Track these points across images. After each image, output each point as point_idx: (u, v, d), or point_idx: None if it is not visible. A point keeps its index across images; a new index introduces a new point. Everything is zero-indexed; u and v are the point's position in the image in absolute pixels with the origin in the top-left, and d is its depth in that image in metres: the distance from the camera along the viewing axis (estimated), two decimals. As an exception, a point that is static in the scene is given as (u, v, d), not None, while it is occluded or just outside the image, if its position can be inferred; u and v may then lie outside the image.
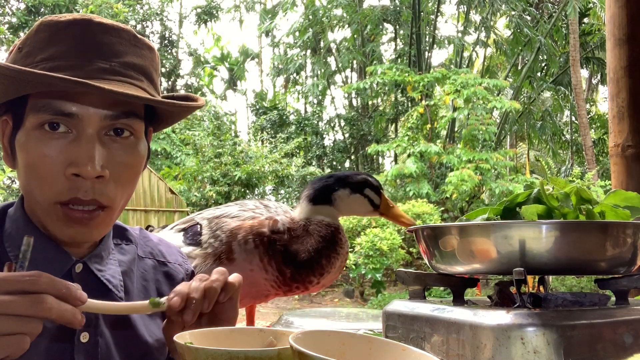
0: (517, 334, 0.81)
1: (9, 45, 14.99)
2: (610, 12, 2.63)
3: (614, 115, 2.59)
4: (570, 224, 0.95)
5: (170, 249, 1.06)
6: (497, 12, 16.70)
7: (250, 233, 1.47)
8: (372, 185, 1.55)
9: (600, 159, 18.39)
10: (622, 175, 2.56)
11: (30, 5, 15.78)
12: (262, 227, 1.48)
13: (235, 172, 12.33)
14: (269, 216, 1.51)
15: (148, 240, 1.03)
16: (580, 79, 16.37)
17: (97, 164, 0.79)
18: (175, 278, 1.01)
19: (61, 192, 0.80)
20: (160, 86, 0.94)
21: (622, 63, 2.56)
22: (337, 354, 0.65)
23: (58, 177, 0.79)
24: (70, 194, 0.80)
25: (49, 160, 0.79)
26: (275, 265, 1.46)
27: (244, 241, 1.46)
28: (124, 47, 0.84)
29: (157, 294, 0.97)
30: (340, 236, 1.50)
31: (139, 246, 1.00)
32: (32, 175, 0.81)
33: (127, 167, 0.84)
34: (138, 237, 1.01)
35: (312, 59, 18.81)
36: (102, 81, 0.79)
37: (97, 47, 0.82)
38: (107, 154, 0.81)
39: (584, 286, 8.11)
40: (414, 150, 12.60)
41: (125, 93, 0.78)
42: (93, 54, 0.81)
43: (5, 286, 0.62)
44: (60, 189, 0.80)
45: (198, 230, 1.54)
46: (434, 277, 1.10)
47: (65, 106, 0.79)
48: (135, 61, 0.85)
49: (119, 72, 0.82)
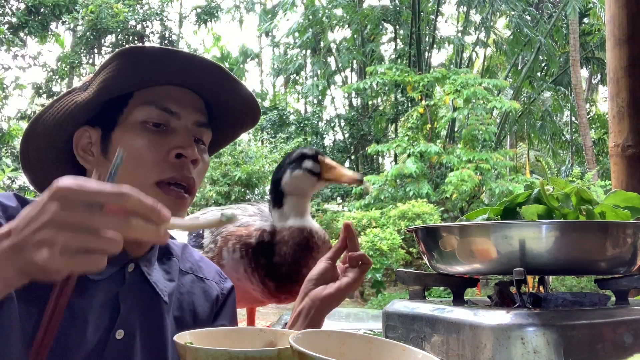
0: (517, 334, 0.81)
1: (9, 45, 14.99)
2: (610, 12, 2.63)
3: (614, 115, 2.59)
4: (570, 224, 0.95)
5: (210, 267, 1.11)
6: (497, 12, 16.71)
7: (238, 242, 1.46)
8: (307, 155, 1.45)
9: (600, 159, 18.40)
10: (622, 175, 2.56)
11: (30, 5, 15.77)
12: (249, 238, 1.46)
13: (235, 172, 12.34)
14: (258, 227, 1.48)
15: (190, 256, 1.09)
16: (580, 79, 16.38)
17: (195, 149, 0.93)
18: (211, 295, 1.06)
19: (164, 171, 0.91)
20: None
21: (622, 63, 2.56)
22: (337, 354, 0.65)
23: (163, 158, 0.91)
24: (172, 172, 0.92)
25: (153, 146, 0.91)
26: (258, 277, 1.45)
27: (232, 249, 1.46)
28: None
29: (191, 308, 1.02)
30: (314, 240, 1.43)
31: (181, 261, 1.06)
32: (135, 161, 0.90)
33: (202, 169, 0.98)
34: (181, 252, 1.07)
35: (312, 59, 18.81)
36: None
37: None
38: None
39: (584, 286, 8.12)
40: (414, 150, 12.61)
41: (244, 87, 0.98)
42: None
43: (97, 198, 0.60)
44: (163, 168, 0.91)
45: (200, 232, 1.54)
46: (434, 277, 1.10)
47: (170, 104, 0.94)
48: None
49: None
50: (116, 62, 0.91)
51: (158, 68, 0.92)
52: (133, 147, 0.91)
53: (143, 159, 0.91)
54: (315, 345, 0.61)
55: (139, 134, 0.92)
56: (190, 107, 0.96)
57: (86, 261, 0.60)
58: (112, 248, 0.61)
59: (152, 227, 0.63)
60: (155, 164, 0.91)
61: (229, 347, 0.65)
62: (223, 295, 1.08)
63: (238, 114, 1.04)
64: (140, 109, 0.93)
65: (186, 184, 0.93)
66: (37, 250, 0.59)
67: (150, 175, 0.91)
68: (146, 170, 0.91)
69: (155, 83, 0.94)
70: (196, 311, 1.02)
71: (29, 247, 0.60)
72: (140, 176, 0.90)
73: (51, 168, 1.00)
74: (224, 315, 1.07)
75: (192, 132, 0.96)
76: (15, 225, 0.62)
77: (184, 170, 0.92)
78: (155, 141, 0.92)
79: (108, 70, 0.91)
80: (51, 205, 0.60)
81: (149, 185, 0.91)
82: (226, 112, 1.02)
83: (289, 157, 1.49)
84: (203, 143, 0.99)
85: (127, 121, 0.93)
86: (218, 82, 0.96)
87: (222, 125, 1.05)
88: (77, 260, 0.60)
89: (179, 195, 0.92)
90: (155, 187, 0.91)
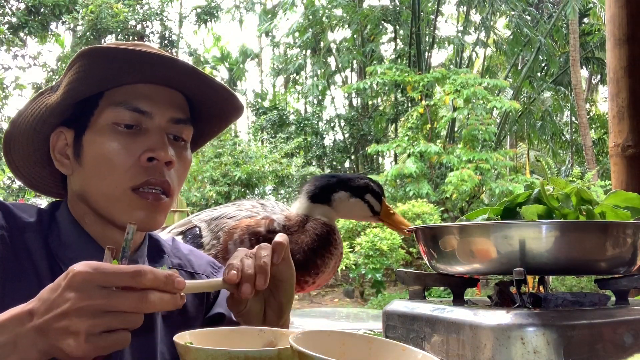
0: (517, 334, 0.81)
1: (9, 45, 14.99)
2: (610, 12, 2.63)
3: (614, 115, 2.59)
4: (570, 224, 0.95)
5: (201, 260, 1.09)
6: (497, 12, 16.70)
7: (246, 232, 1.47)
8: (374, 191, 1.53)
9: (600, 159, 18.39)
10: (622, 175, 2.56)
11: (30, 5, 15.76)
12: (258, 227, 1.48)
13: (235, 172, 12.33)
14: (265, 215, 1.51)
15: (178, 251, 1.06)
16: (580, 79, 16.38)
17: (168, 151, 0.89)
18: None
19: (136, 176, 0.88)
20: None
21: (622, 63, 2.56)
22: (337, 354, 0.65)
23: (134, 163, 0.88)
24: (145, 176, 0.88)
25: (124, 149, 0.88)
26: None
27: (240, 240, 1.46)
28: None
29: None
30: (335, 236, 1.49)
31: (169, 257, 1.03)
32: (107, 167, 0.88)
33: (182, 168, 0.94)
34: (170, 247, 1.05)
35: (312, 59, 18.79)
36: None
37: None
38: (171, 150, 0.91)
39: (584, 286, 8.11)
40: (414, 150, 12.60)
41: (210, 77, 0.92)
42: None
43: (113, 281, 0.63)
44: (135, 173, 0.88)
45: (197, 232, 1.53)
46: (434, 277, 1.10)
47: (141, 104, 0.89)
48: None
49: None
50: (79, 63, 0.88)
51: (121, 68, 0.89)
52: (104, 151, 0.88)
53: (114, 164, 0.88)
54: (315, 345, 0.61)
55: (110, 137, 0.89)
56: (163, 104, 0.91)
57: (112, 341, 0.63)
58: (135, 324, 0.64)
59: (169, 297, 0.65)
60: (127, 169, 0.88)
61: (229, 347, 0.65)
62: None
63: (216, 106, 1.00)
64: (111, 110, 0.89)
65: (161, 187, 0.90)
66: (63, 339, 0.61)
67: (123, 180, 0.88)
68: (119, 176, 0.88)
69: (123, 83, 0.90)
70: (185, 308, 1.00)
71: (54, 333, 0.62)
72: (113, 182, 0.89)
73: (39, 170, 0.99)
74: (220, 303, 1.05)
75: (168, 129, 0.92)
76: (36, 308, 0.64)
77: (157, 173, 0.89)
78: (126, 144, 0.89)
79: (73, 72, 0.88)
80: (69, 293, 0.62)
81: (124, 191, 0.89)
82: (204, 105, 0.99)
83: (353, 181, 1.54)
84: (183, 140, 0.95)
85: (98, 123, 0.90)
86: (186, 77, 0.92)
87: (204, 118, 1.02)
88: (103, 342, 0.62)
89: (156, 197, 0.90)
90: (131, 193, 0.89)
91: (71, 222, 0.93)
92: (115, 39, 16.29)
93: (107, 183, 0.88)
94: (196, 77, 0.92)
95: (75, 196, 0.94)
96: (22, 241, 0.88)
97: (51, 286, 0.65)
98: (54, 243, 0.90)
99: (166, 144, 0.90)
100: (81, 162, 0.91)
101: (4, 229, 0.87)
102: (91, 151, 0.90)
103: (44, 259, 0.88)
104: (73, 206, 0.94)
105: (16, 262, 0.86)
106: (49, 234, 0.91)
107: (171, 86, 0.93)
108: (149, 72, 0.90)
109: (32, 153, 0.97)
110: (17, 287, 0.83)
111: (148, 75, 0.90)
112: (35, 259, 0.88)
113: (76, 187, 0.93)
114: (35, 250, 0.88)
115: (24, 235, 0.89)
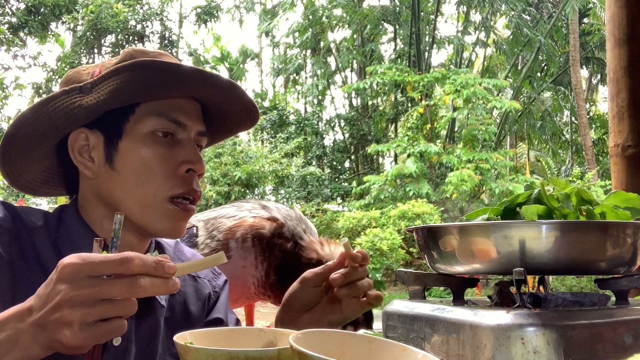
0: (517, 334, 0.81)
1: (9, 45, 14.98)
2: (610, 12, 2.63)
3: (614, 115, 2.59)
4: (570, 224, 0.95)
5: None
6: (497, 12, 16.71)
7: (249, 232, 1.48)
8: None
9: (600, 159, 18.39)
10: (622, 175, 2.56)
11: (30, 5, 15.76)
12: (262, 226, 1.48)
13: (235, 172, 12.33)
14: (271, 216, 1.51)
15: (181, 254, 1.08)
16: (580, 79, 16.38)
17: (203, 163, 0.95)
18: (203, 293, 1.05)
19: (175, 186, 0.92)
20: None
21: (622, 63, 2.56)
22: (337, 354, 0.65)
23: (172, 173, 0.92)
24: (184, 187, 0.93)
25: (163, 159, 0.92)
26: (265, 267, 1.46)
27: (242, 239, 1.47)
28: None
29: (183, 308, 1.01)
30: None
31: (173, 260, 1.02)
32: (146, 175, 0.91)
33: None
34: (173, 250, 1.07)
35: (312, 59, 18.80)
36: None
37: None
38: None
39: (584, 286, 8.11)
40: (414, 150, 12.60)
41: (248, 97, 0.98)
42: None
43: (102, 270, 0.64)
44: (174, 183, 0.92)
45: (194, 232, 1.54)
46: (434, 277, 1.10)
47: (179, 116, 0.94)
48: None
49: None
50: (129, 73, 0.89)
51: (170, 82, 0.91)
52: (144, 159, 0.91)
53: (155, 173, 0.91)
54: (315, 345, 0.61)
55: (150, 146, 0.92)
56: (195, 117, 0.96)
57: (107, 329, 0.64)
58: (129, 310, 0.64)
59: (160, 282, 0.65)
60: (166, 178, 0.92)
61: (229, 347, 0.65)
62: (216, 293, 1.08)
63: (238, 118, 1.04)
64: (150, 119, 0.92)
65: (193, 197, 0.94)
66: (59, 330, 0.62)
67: (163, 189, 0.92)
68: (159, 185, 0.91)
69: (170, 96, 0.94)
70: (189, 311, 1.02)
71: (51, 326, 0.63)
72: (152, 190, 0.91)
73: (32, 166, 0.97)
74: (218, 309, 1.06)
75: (197, 141, 0.97)
76: (34, 304, 0.65)
77: (192, 184, 0.94)
78: (164, 154, 0.92)
79: (121, 79, 0.89)
80: (60, 285, 0.63)
81: (162, 200, 0.92)
82: (225, 116, 1.03)
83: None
84: (201, 148, 1.00)
85: (135, 131, 0.92)
86: (224, 93, 0.97)
87: (220, 127, 1.06)
88: (99, 330, 0.63)
89: (186, 208, 0.94)
90: (168, 202, 0.92)
91: (82, 226, 0.93)
92: (115, 39, 16.30)
93: (146, 190, 0.91)
94: (235, 92, 0.97)
95: (94, 199, 0.94)
96: (31, 244, 0.89)
97: (46, 282, 0.66)
98: (64, 246, 0.90)
99: (201, 157, 0.95)
100: (115, 167, 0.92)
101: (12, 231, 0.88)
102: (130, 158, 0.92)
103: (54, 262, 0.88)
104: (86, 209, 0.94)
105: (25, 264, 0.87)
106: (57, 237, 0.91)
107: (204, 100, 0.98)
108: (194, 89, 0.94)
109: (34, 148, 0.94)
110: (27, 289, 0.83)
111: (191, 91, 0.95)
112: (44, 261, 0.88)
113: (101, 191, 0.93)
114: (45, 253, 0.89)
115: (33, 239, 0.89)
